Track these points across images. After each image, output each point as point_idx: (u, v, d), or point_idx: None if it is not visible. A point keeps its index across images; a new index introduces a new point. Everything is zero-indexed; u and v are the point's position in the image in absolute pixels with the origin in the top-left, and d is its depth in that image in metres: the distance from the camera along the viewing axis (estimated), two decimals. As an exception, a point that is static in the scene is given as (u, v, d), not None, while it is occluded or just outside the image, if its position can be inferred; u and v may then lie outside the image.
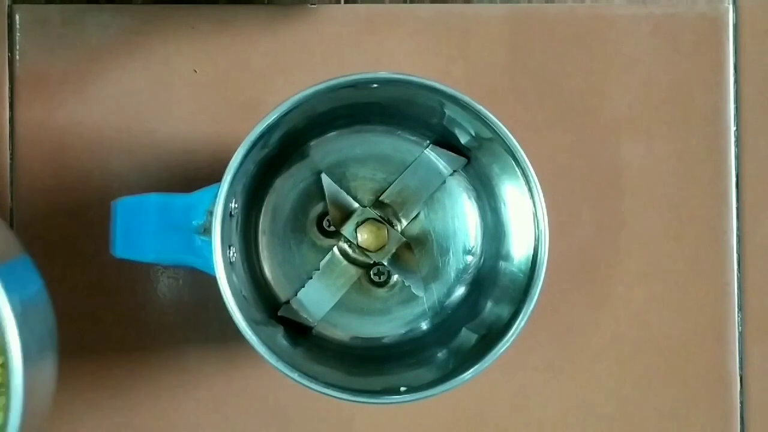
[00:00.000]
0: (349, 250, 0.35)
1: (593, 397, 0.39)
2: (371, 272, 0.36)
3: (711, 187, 0.39)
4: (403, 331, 0.36)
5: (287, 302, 0.36)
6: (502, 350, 0.30)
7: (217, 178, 0.30)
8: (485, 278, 0.35)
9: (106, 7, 0.38)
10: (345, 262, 0.35)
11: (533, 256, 0.31)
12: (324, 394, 0.30)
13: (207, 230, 0.31)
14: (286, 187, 0.36)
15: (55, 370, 0.31)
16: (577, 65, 0.39)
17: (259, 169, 0.35)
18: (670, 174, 0.39)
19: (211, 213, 0.30)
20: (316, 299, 0.36)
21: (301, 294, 0.36)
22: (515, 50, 0.39)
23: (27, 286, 0.30)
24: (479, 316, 0.34)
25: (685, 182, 0.39)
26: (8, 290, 0.28)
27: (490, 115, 0.30)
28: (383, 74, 0.31)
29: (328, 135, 0.36)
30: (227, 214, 0.31)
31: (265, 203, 0.36)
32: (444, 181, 0.36)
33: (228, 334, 0.37)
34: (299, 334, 0.35)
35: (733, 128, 0.39)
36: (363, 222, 0.35)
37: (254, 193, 0.35)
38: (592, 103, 0.39)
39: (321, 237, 0.35)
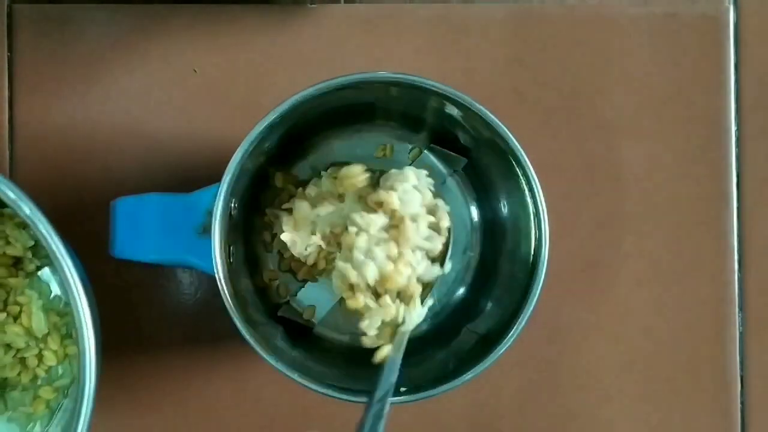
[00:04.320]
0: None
1: (593, 398, 0.39)
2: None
3: (711, 187, 0.39)
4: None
5: (287, 302, 0.36)
6: (502, 350, 0.30)
7: (217, 178, 0.30)
8: (485, 279, 0.35)
9: (106, 7, 0.38)
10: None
11: (533, 256, 0.31)
12: (324, 394, 0.30)
13: (207, 230, 0.31)
14: (286, 187, 0.36)
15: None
16: (577, 65, 0.39)
17: (259, 169, 0.35)
18: (670, 174, 0.39)
19: (210, 213, 0.30)
20: (316, 299, 0.36)
21: (301, 294, 0.36)
22: (515, 50, 0.39)
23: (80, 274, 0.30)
24: (479, 316, 0.34)
25: (685, 182, 0.39)
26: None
27: (490, 115, 0.30)
28: (383, 74, 0.31)
29: (328, 134, 0.36)
30: (227, 214, 0.31)
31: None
32: (444, 181, 0.36)
33: (228, 334, 0.37)
34: (299, 335, 0.35)
35: (733, 128, 0.39)
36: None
37: (254, 193, 0.35)
38: (592, 103, 0.39)
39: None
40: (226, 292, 0.30)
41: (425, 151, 0.36)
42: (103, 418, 0.38)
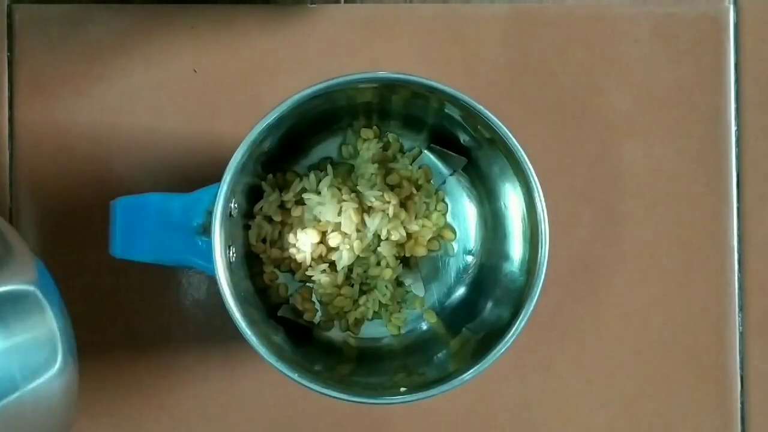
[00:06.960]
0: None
1: (593, 397, 0.39)
2: (371, 272, 0.36)
3: (711, 187, 0.39)
4: (403, 331, 0.36)
5: (287, 302, 0.36)
6: (502, 351, 0.30)
7: (217, 178, 0.30)
8: (485, 278, 0.35)
9: (106, 7, 0.38)
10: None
11: (533, 256, 0.31)
12: (324, 394, 0.30)
13: (207, 230, 0.31)
14: (286, 187, 0.36)
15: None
16: (577, 65, 0.39)
17: (259, 169, 0.35)
18: (670, 174, 0.39)
19: (210, 213, 0.30)
20: (316, 299, 0.36)
21: (301, 294, 0.36)
22: (515, 50, 0.39)
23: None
24: (479, 316, 0.34)
25: (685, 182, 0.39)
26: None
27: (490, 115, 0.30)
28: (383, 74, 0.31)
29: (328, 134, 0.36)
30: (227, 214, 0.31)
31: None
32: (444, 181, 0.36)
33: (228, 334, 0.37)
34: (300, 335, 0.35)
35: (733, 128, 0.39)
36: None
37: (254, 193, 0.35)
38: (592, 103, 0.39)
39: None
40: (226, 292, 0.30)
41: (425, 151, 0.36)
42: (100, 418, 0.38)
